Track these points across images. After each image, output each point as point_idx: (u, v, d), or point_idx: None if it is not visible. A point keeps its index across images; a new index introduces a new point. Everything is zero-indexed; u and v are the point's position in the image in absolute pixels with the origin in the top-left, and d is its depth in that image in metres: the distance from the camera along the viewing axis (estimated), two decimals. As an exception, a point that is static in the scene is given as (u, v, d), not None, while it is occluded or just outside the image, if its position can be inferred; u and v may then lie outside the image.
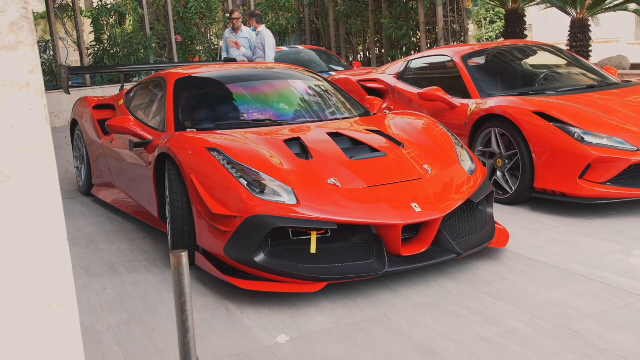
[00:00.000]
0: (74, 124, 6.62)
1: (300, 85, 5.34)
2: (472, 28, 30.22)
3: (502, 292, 3.64)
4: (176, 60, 14.00)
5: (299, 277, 3.56)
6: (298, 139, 4.23)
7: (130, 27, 14.91)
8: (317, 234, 3.61)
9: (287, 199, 3.64)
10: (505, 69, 6.46)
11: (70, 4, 13.34)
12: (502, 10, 11.52)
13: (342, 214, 3.61)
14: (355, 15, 13.88)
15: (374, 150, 4.20)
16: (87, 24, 15.09)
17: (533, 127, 5.01)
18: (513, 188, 5.26)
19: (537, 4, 10.98)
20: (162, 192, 4.51)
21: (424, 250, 3.80)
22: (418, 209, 3.74)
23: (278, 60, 10.48)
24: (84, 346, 3.24)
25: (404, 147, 4.28)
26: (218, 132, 4.44)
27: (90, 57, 13.65)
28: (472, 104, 5.68)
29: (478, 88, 5.86)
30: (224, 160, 3.85)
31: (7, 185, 1.35)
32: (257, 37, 9.33)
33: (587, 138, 4.81)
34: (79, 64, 14.10)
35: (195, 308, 3.62)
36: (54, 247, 1.40)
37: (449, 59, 6.36)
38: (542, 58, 6.74)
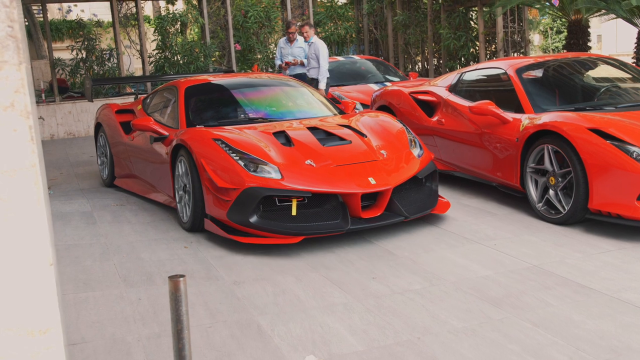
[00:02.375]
0: (97, 127, 7.66)
1: (288, 91, 6.71)
2: (537, 38, 29.46)
3: (546, 320, 3.45)
4: (234, 69, 14.16)
5: (283, 233, 4.73)
6: (284, 131, 5.40)
7: (192, 36, 15.20)
8: (297, 201, 4.78)
9: (274, 175, 4.81)
10: (563, 83, 6.20)
11: (135, 14, 13.68)
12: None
13: (315, 186, 4.79)
14: (413, 25, 13.70)
15: (342, 139, 5.37)
16: (150, 33, 15.47)
17: (588, 144, 4.76)
18: (566, 208, 5.01)
19: (602, 15, 10.56)
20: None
21: (379, 214, 4.98)
22: (373, 182, 4.91)
23: (334, 70, 10.44)
24: (112, 357, 3.24)
25: (366, 137, 5.44)
26: (221, 127, 5.59)
27: (152, 65, 13.95)
28: (525, 119, 5.46)
29: (532, 102, 5.63)
30: (226, 147, 5.03)
31: (-10, 208, 1.32)
32: (311, 48, 9.30)
33: (647, 157, 4.53)
34: (141, 72, 14.44)
35: (226, 324, 3.58)
36: (37, 272, 1.36)
37: (503, 71, 6.14)
38: (603, 71, 6.43)
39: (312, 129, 5.50)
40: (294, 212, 4.75)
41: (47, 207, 1.63)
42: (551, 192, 5.16)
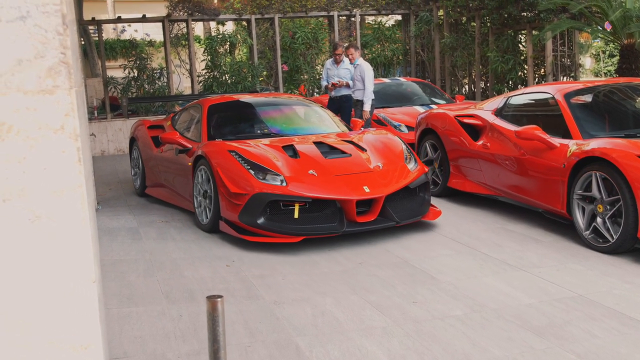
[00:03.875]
0: (132, 141, 8.33)
1: (302, 110, 7.45)
2: (589, 61, 28.95)
3: (591, 352, 3.35)
4: (281, 90, 14.32)
5: (286, 233, 5.37)
6: (292, 145, 6.05)
7: (241, 56, 15.45)
8: (299, 206, 5.40)
9: (280, 182, 5.46)
10: (613, 109, 6.07)
11: (186, 34, 14.00)
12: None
13: (316, 192, 5.43)
14: (461, 48, 13.63)
15: (343, 152, 6.00)
16: (200, 52, 15.79)
17: (638, 172, 4.64)
18: (614, 236, 4.88)
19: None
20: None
21: (373, 219, 5.56)
22: (367, 190, 5.52)
23: (380, 91, 10.45)
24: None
25: (365, 151, 6.07)
26: (237, 141, 6.26)
27: (201, 84, 14.22)
28: (573, 145, 5.36)
29: (580, 128, 5.52)
30: (239, 158, 5.70)
31: (37, 226, 1.37)
32: (356, 70, 9.35)
33: (700, 187, 4.39)
34: (190, 91, 14.72)
35: (265, 343, 3.59)
36: (80, 289, 1.40)
37: (551, 96, 6.05)
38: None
39: (318, 144, 6.14)
40: (296, 215, 5.40)
41: (92, 225, 1.69)
42: (599, 220, 5.04)
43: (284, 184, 5.43)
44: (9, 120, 1.34)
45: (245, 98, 7.68)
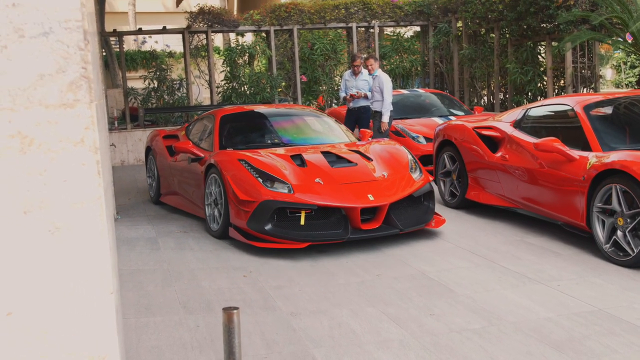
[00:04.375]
0: (147, 150, 8.60)
1: (311, 120, 7.61)
2: (610, 73, 28.71)
3: (611, 368, 3.31)
4: (299, 101, 14.38)
5: (292, 240, 5.52)
6: (300, 154, 6.23)
7: (259, 67, 15.54)
8: (305, 213, 5.56)
9: (287, 190, 5.62)
10: (634, 121, 6.01)
11: (205, 45, 14.12)
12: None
13: (321, 200, 5.59)
14: (480, 59, 13.59)
15: (349, 162, 6.17)
16: (219, 63, 15.90)
17: (659, 185, 4.59)
18: (635, 250, 4.83)
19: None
20: None
21: (377, 226, 5.72)
22: (372, 198, 5.67)
23: (398, 102, 10.45)
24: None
25: (371, 161, 6.25)
26: (247, 150, 6.46)
27: (220, 95, 14.32)
28: (592, 158, 5.31)
29: (600, 140, 5.48)
30: (248, 166, 5.86)
31: (57, 237, 1.39)
32: (375, 81, 9.36)
33: None
34: (209, 102, 14.84)
35: (281, 355, 3.59)
36: (98, 300, 1.42)
37: (570, 108, 6.02)
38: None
39: (325, 153, 6.32)
40: (302, 222, 5.55)
41: (111, 236, 1.71)
42: (619, 233, 4.98)
43: (291, 191, 5.61)
44: (31, 133, 1.37)
45: (257, 109, 7.91)
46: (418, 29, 16.13)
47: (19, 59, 1.35)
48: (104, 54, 17.50)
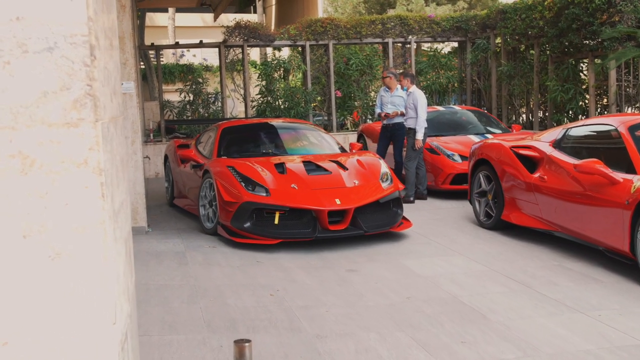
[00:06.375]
0: (165, 158, 9.61)
1: (303, 133, 8.48)
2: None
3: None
4: (334, 116, 14.32)
5: (267, 236, 6.32)
6: (283, 163, 7.00)
7: (294, 82, 15.53)
8: (279, 213, 6.34)
9: (264, 194, 6.42)
10: (681, 143, 5.74)
11: (241, 59, 14.17)
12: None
13: (294, 203, 6.35)
14: (519, 76, 13.32)
15: (325, 170, 6.91)
16: (254, 77, 15.95)
17: None
18: (681, 280, 4.58)
19: None
20: None
21: (344, 228, 6.40)
22: (338, 202, 6.40)
23: (433, 119, 10.28)
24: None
25: (346, 170, 6.97)
26: (239, 159, 7.24)
27: (254, 109, 14.34)
28: (637, 181, 5.08)
29: (645, 163, 5.24)
30: (234, 172, 6.68)
31: (57, 263, 1.31)
32: (409, 98, 9.22)
33: None
34: (243, 115, 14.87)
35: (305, 380, 3.46)
36: (99, 330, 1.32)
37: (613, 128, 5.79)
38: None
39: (306, 162, 7.08)
40: (276, 222, 6.34)
41: (124, 259, 1.62)
42: (665, 261, 4.74)
43: (268, 194, 6.39)
44: (33, 153, 1.29)
45: (256, 122, 9.04)
46: (455, 44, 15.95)
47: (21, 75, 1.28)
48: (142, 66, 17.74)
